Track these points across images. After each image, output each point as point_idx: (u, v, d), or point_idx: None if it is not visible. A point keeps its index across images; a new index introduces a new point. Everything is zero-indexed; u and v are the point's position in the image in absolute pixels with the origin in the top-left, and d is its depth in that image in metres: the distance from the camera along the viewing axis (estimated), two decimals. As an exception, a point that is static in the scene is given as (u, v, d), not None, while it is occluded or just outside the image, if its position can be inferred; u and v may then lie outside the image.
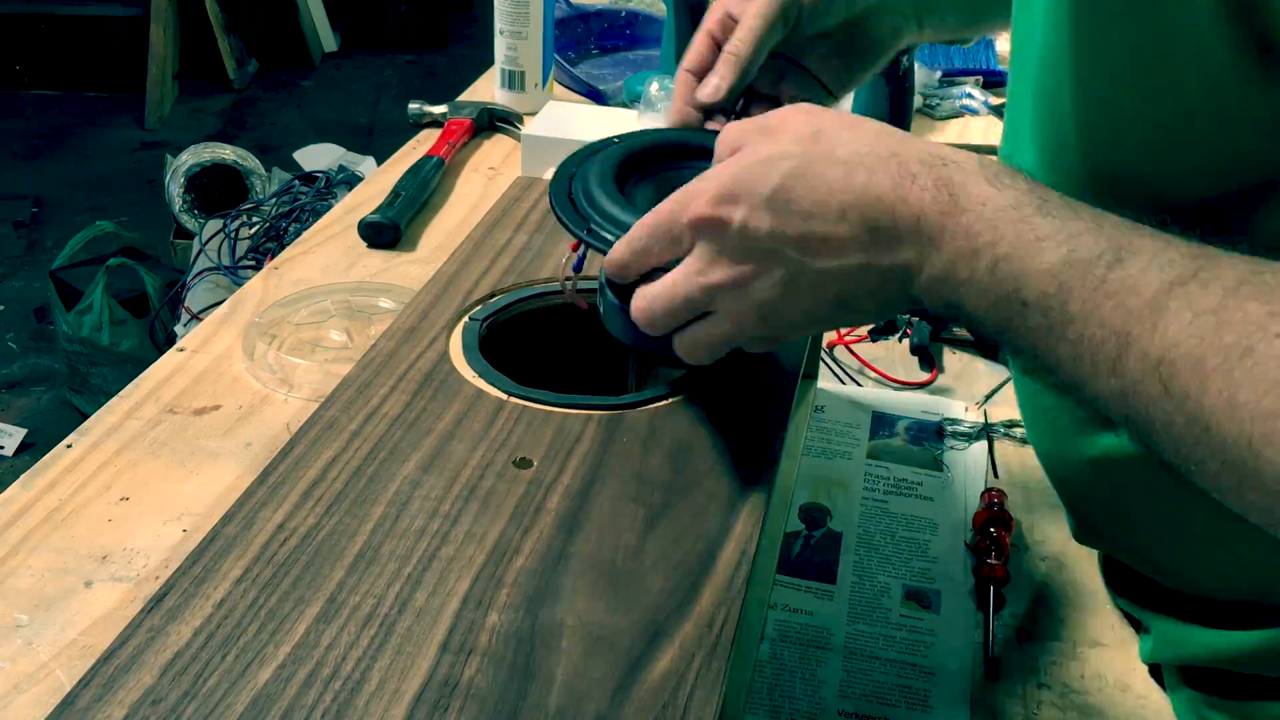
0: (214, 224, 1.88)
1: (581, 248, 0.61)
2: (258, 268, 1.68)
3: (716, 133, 0.59)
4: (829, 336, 0.97)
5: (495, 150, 1.34)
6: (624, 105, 1.38)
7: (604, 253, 0.57)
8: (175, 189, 2.36)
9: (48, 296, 2.44)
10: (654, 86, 1.20)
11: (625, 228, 0.56)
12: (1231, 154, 0.51)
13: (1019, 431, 0.86)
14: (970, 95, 1.52)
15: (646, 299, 0.54)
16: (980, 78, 1.58)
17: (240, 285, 1.14)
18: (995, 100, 1.53)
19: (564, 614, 0.47)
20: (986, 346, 0.98)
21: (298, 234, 1.34)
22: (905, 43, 0.74)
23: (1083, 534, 0.71)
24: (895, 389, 0.92)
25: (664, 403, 0.61)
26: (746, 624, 0.54)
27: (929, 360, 0.95)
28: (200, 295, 1.74)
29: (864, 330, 0.99)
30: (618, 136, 0.66)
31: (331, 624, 0.46)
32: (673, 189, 0.56)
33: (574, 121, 1.25)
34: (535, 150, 1.22)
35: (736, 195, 0.50)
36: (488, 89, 1.50)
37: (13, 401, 2.48)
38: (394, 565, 0.49)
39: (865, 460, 0.83)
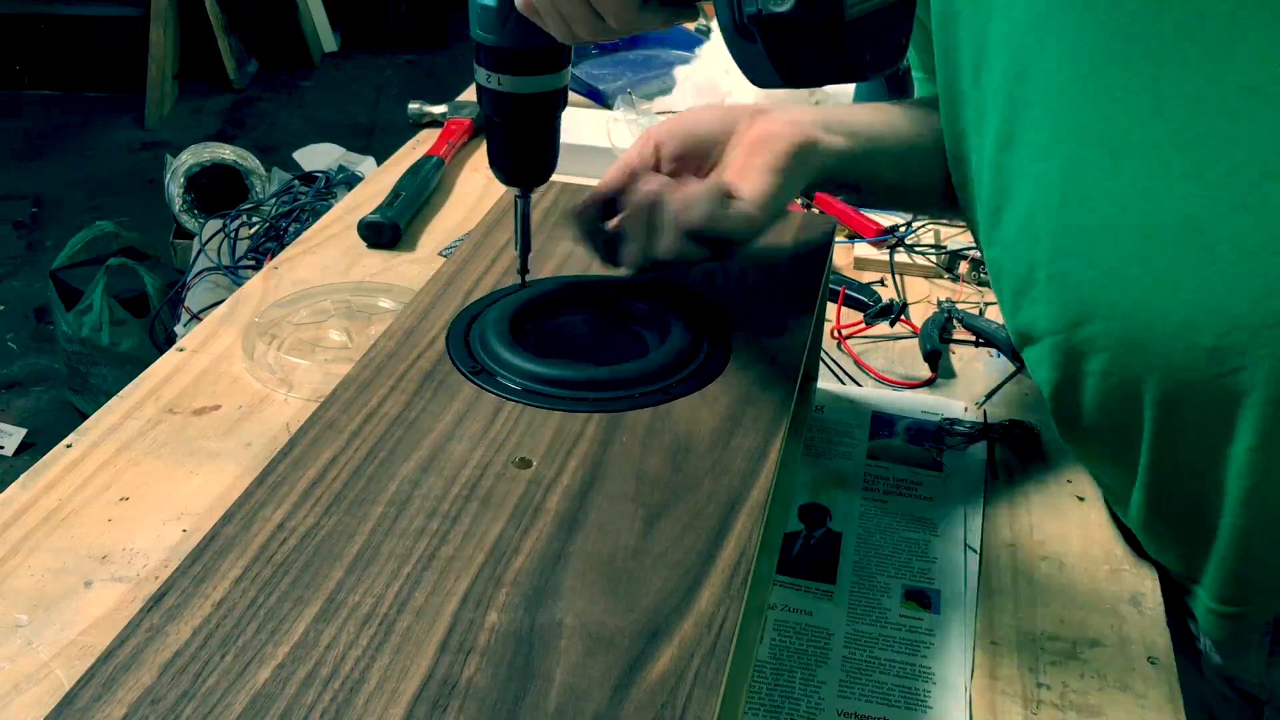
0: (214, 224, 1.88)
1: None
2: (258, 268, 1.68)
3: (617, 279, 0.70)
4: (829, 330, 0.97)
5: (495, 150, 1.34)
6: (637, 99, 1.37)
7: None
8: (175, 189, 2.36)
9: (48, 296, 2.44)
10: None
11: (514, 370, 0.61)
12: None
13: (1019, 431, 0.86)
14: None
15: None
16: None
17: (240, 285, 1.15)
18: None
19: (563, 614, 0.47)
20: (988, 344, 0.98)
21: (298, 234, 1.34)
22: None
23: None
24: (895, 389, 0.92)
25: (663, 403, 0.61)
26: (746, 624, 0.54)
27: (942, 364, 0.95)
28: (200, 295, 1.74)
29: (860, 315, 0.99)
30: (522, 282, 0.71)
31: (331, 624, 0.46)
32: (568, 333, 0.67)
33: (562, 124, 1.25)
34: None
35: None
36: (488, 89, 1.49)
37: (13, 401, 2.48)
38: (393, 565, 0.49)
39: (865, 460, 0.83)
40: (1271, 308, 0.58)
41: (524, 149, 0.66)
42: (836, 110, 0.77)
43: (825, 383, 0.92)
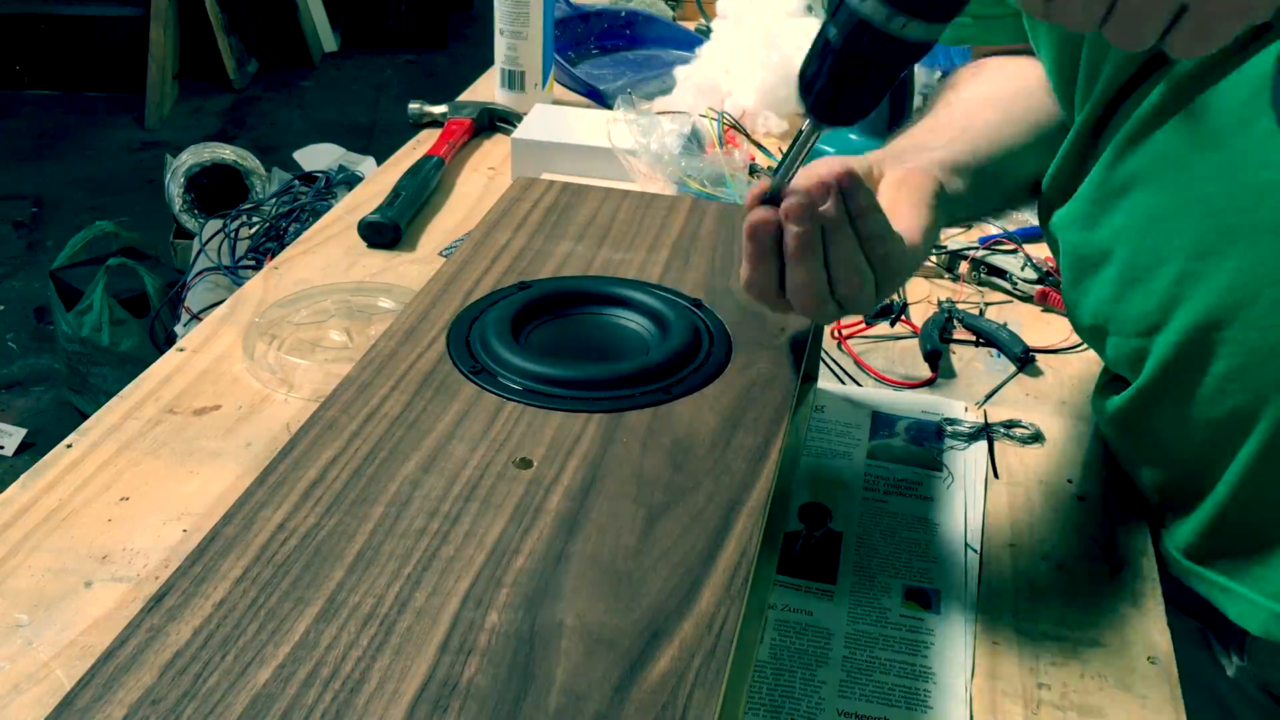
0: (214, 224, 1.88)
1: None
2: (258, 268, 1.68)
3: (617, 279, 0.70)
4: (829, 330, 0.97)
5: (495, 150, 1.34)
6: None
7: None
8: (175, 189, 2.37)
9: (48, 296, 2.44)
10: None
11: (515, 370, 0.61)
12: None
13: (1019, 431, 0.86)
14: (970, 95, 1.51)
15: None
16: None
17: (240, 285, 1.15)
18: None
19: (564, 614, 0.47)
20: (989, 344, 0.98)
21: (298, 234, 1.34)
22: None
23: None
24: (895, 389, 0.92)
25: (664, 403, 0.61)
26: (747, 624, 0.54)
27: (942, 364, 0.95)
28: (200, 295, 1.74)
29: (861, 316, 0.99)
30: (523, 282, 0.71)
31: (331, 624, 0.46)
32: (568, 332, 0.66)
33: (562, 124, 1.25)
34: (525, 154, 1.22)
35: None
36: (488, 89, 1.50)
37: (13, 401, 2.48)
38: (394, 565, 0.49)
39: (865, 460, 0.83)
40: None
41: (866, 89, 0.58)
42: (950, 146, 0.74)
43: (825, 383, 0.92)
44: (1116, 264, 0.70)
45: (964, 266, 1.09)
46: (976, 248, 1.10)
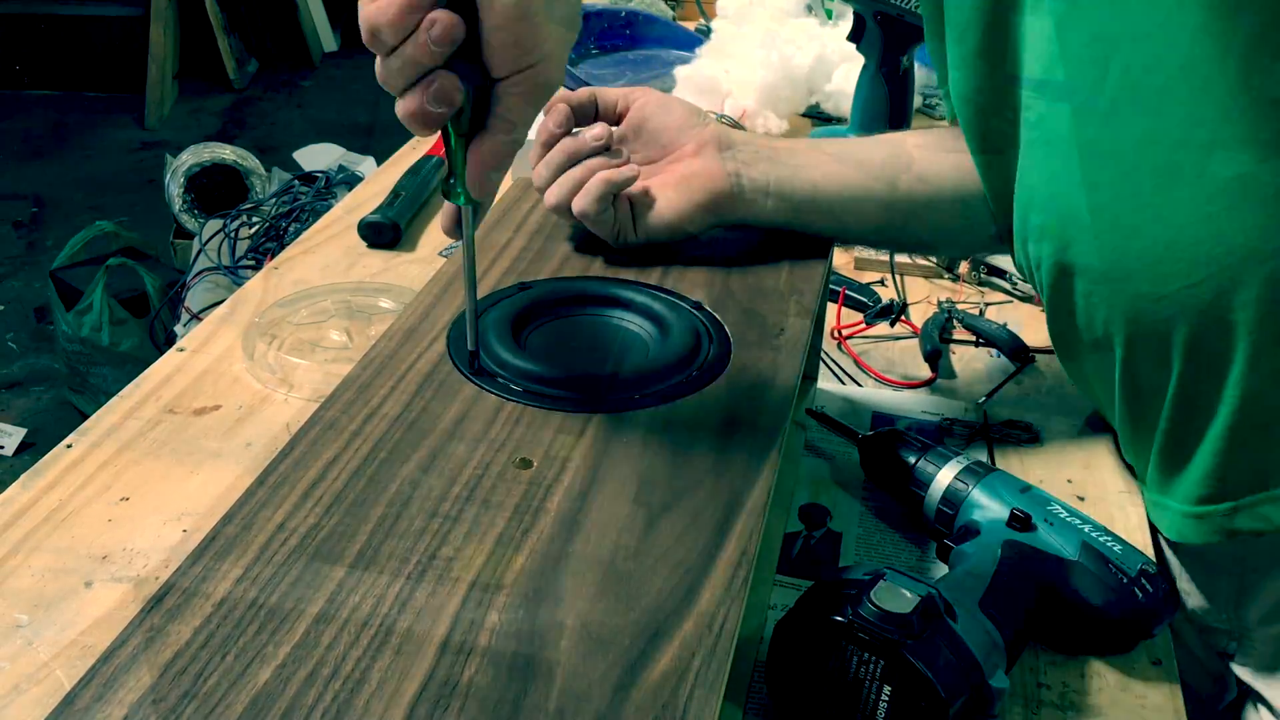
0: (214, 224, 1.88)
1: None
2: (258, 268, 1.68)
3: (618, 280, 0.71)
4: (829, 330, 0.97)
5: (495, 150, 1.34)
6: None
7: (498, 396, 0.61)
8: (175, 189, 2.37)
9: (48, 296, 2.44)
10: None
11: (515, 370, 0.61)
12: None
13: (1019, 431, 0.86)
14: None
15: None
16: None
17: (240, 285, 1.15)
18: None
19: (564, 614, 0.47)
20: (988, 344, 0.98)
21: (298, 234, 1.34)
22: None
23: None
24: (895, 389, 0.92)
25: (663, 403, 0.61)
26: (746, 624, 0.54)
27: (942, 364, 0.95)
28: (200, 295, 1.74)
29: (860, 315, 0.99)
30: (523, 283, 0.72)
31: (331, 624, 0.46)
32: (568, 333, 0.67)
33: None
34: (525, 154, 1.22)
35: None
36: (488, 89, 1.49)
37: (13, 401, 2.49)
38: (394, 565, 0.49)
39: (865, 460, 0.83)
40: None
41: None
42: (787, 165, 0.78)
43: (825, 383, 0.92)
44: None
45: (964, 266, 1.09)
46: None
